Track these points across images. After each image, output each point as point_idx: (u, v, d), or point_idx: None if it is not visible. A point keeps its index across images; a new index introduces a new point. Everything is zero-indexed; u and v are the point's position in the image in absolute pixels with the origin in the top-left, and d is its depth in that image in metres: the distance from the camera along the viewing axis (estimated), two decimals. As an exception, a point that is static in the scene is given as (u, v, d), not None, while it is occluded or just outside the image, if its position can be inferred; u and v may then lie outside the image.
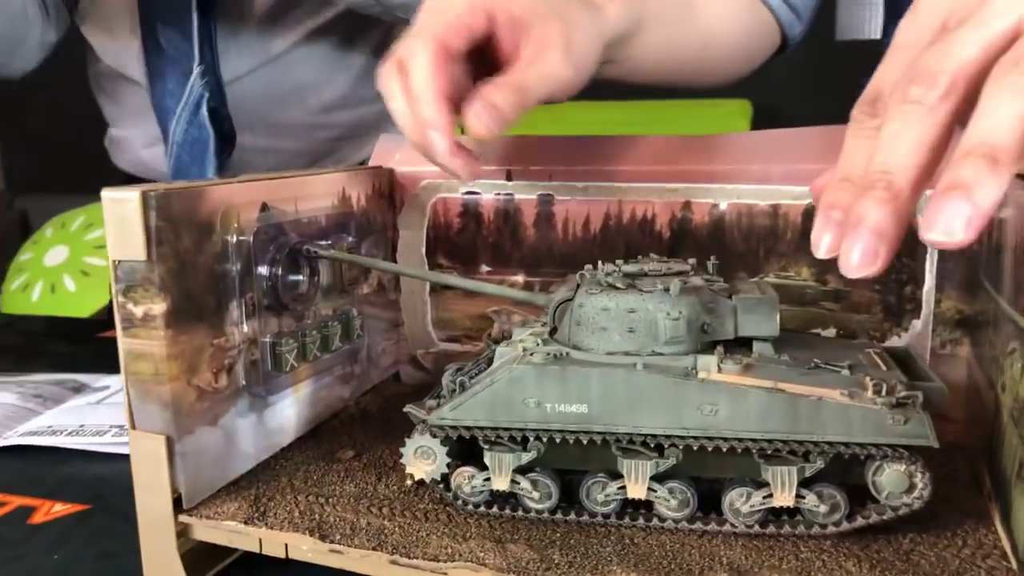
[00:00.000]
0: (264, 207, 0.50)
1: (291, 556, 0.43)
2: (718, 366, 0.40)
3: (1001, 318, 0.42)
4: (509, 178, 0.61)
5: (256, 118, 0.90)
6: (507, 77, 0.46)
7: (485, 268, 0.63)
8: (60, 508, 0.57)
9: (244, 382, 0.49)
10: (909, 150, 0.29)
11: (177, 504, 0.45)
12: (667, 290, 0.42)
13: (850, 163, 0.33)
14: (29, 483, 0.60)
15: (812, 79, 2.48)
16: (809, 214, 0.54)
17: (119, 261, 0.43)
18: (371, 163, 0.65)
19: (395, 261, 0.65)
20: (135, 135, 0.95)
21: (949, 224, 0.27)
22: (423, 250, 0.64)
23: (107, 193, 0.42)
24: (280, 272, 0.50)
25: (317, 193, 0.55)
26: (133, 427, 0.44)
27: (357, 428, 0.57)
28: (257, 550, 0.44)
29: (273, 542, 0.43)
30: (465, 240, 0.63)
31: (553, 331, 0.45)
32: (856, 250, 0.29)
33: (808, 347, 0.44)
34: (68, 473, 0.61)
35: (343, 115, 0.94)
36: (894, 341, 0.53)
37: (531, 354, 0.42)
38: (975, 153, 0.27)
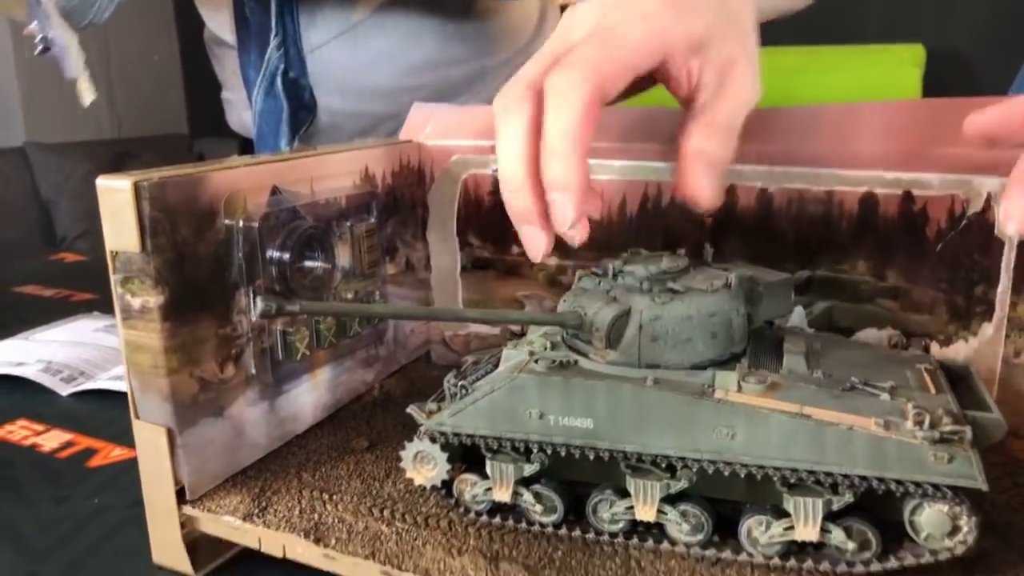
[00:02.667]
0: (274, 190, 0.48)
1: (288, 556, 0.42)
2: (738, 384, 0.36)
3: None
4: (542, 154, 0.57)
5: (344, 82, 0.89)
6: (709, 116, 0.39)
7: (516, 249, 0.60)
8: (118, 452, 0.59)
9: (254, 371, 0.48)
10: None
11: (181, 495, 0.44)
12: (728, 285, 0.39)
13: None
14: (100, 426, 0.64)
15: (1004, 18, 2.18)
16: (867, 201, 0.48)
17: (116, 252, 0.41)
18: (402, 135, 0.63)
19: (425, 239, 0.62)
20: (238, 98, 0.97)
21: None
22: (454, 227, 0.62)
23: (101, 181, 0.41)
24: (290, 258, 0.48)
25: (336, 172, 0.53)
26: (137, 416, 0.44)
27: (377, 414, 0.55)
28: (257, 547, 0.43)
29: (271, 542, 0.42)
30: (496, 218, 0.60)
31: (574, 349, 0.41)
32: None
33: (849, 360, 0.40)
34: (136, 419, 0.63)
35: (431, 76, 0.92)
36: (959, 347, 0.48)
37: (536, 360, 0.39)
38: None
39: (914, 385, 0.37)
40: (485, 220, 0.61)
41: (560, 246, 0.59)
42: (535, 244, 0.39)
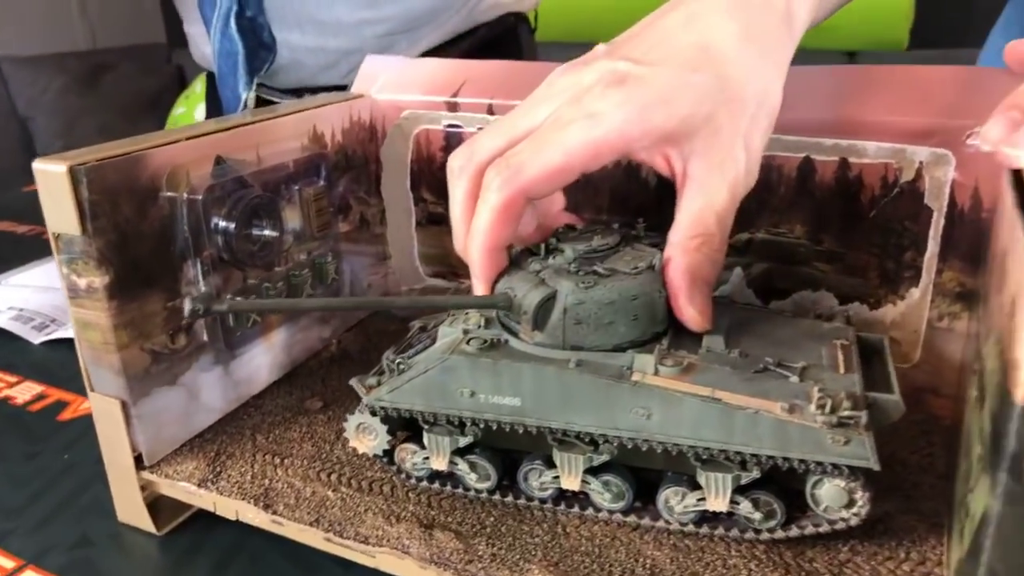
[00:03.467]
0: (219, 160, 0.48)
1: (241, 520, 0.44)
2: (656, 367, 0.38)
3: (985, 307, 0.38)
4: (491, 112, 0.57)
5: (303, 16, 0.88)
6: (698, 226, 0.39)
7: (469, 205, 0.60)
8: (87, 406, 0.61)
9: (206, 338, 0.49)
10: None
11: (139, 460, 0.46)
12: (652, 267, 0.40)
13: None
14: (70, 377, 0.66)
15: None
16: (804, 168, 0.49)
17: (58, 234, 0.42)
18: (353, 88, 0.62)
19: (379, 194, 0.63)
20: (199, 31, 0.95)
21: None
22: (407, 183, 0.62)
23: (38, 165, 0.41)
24: (236, 228, 0.49)
25: (283, 136, 0.53)
26: (91, 388, 0.46)
27: (333, 372, 0.57)
28: (212, 510, 0.46)
29: (225, 507, 0.45)
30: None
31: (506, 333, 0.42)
32: None
33: (770, 336, 0.41)
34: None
35: (392, 8, 0.90)
36: (888, 310, 0.49)
37: (468, 340, 0.41)
38: None
39: (826, 364, 0.39)
40: (438, 176, 0.61)
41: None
42: (477, 289, 0.42)
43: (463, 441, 0.42)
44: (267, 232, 0.51)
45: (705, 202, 0.39)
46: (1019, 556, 0.25)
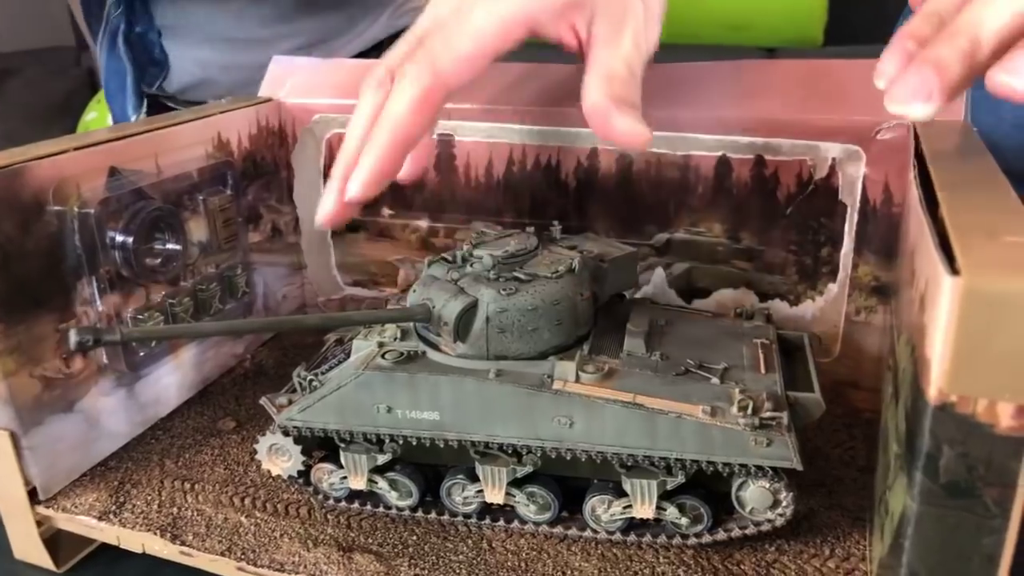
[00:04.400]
0: (113, 172, 0.46)
1: (148, 553, 0.42)
2: (577, 374, 0.37)
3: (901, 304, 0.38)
4: (405, 115, 0.55)
5: (213, 33, 0.83)
6: (605, 69, 0.38)
7: (387, 211, 0.59)
8: None
9: (106, 360, 0.46)
10: (1004, 19, 0.28)
11: (34, 494, 0.43)
12: (572, 270, 0.39)
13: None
14: None
15: None
16: (721, 167, 0.49)
17: (-70, 255, 0.39)
18: (261, 92, 0.60)
19: (292, 203, 0.60)
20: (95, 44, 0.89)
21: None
22: (321, 190, 0.60)
23: (-96, 181, 0.38)
24: (134, 242, 0.46)
25: (183, 144, 0.50)
26: (-23, 421, 0.42)
27: (248, 389, 0.54)
28: (116, 544, 0.43)
29: (129, 540, 0.42)
30: (364, 181, 0.58)
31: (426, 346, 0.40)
32: (913, 79, 0.28)
33: (691, 337, 0.41)
34: None
35: (306, 21, 0.86)
36: (807, 306, 0.50)
37: (383, 354, 0.39)
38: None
39: (747, 364, 0.39)
40: (353, 182, 0.59)
41: (431, 208, 0.58)
42: (323, 207, 0.39)
43: (382, 459, 0.40)
44: (169, 245, 0.49)
45: (611, 52, 0.39)
46: (939, 555, 0.25)
